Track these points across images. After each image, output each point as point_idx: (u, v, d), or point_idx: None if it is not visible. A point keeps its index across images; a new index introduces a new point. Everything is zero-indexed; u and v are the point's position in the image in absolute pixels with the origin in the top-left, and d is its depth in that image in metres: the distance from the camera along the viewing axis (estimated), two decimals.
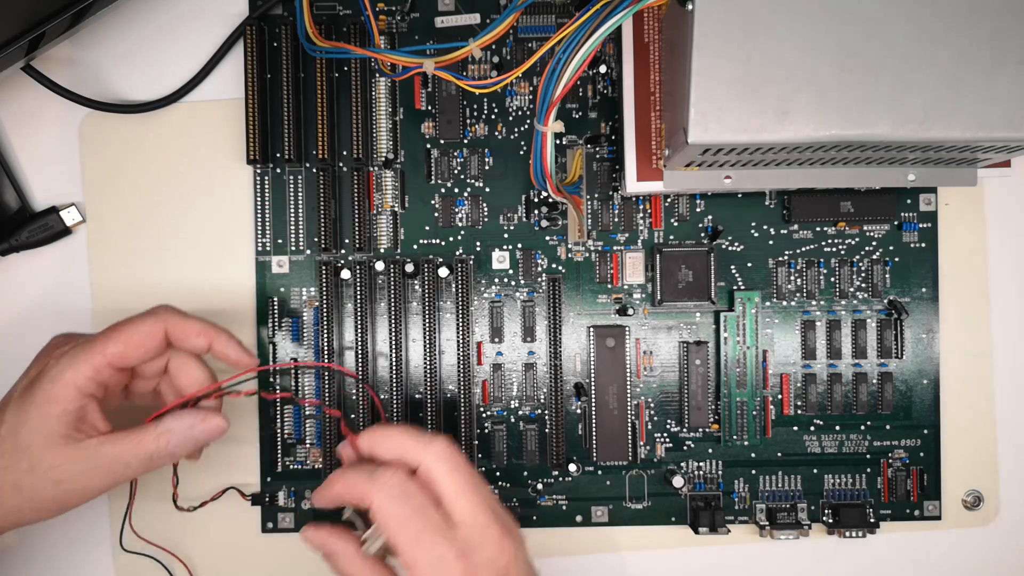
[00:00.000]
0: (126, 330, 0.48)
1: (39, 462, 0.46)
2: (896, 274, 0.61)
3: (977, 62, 0.44)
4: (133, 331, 0.48)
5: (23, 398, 0.47)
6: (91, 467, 0.47)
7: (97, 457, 0.47)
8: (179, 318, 0.50)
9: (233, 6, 0.61)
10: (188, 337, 0.50)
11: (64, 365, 0.47)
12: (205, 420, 0.49)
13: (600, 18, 0.47)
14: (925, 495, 0.61)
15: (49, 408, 0.46)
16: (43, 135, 0.61)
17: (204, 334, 0.50)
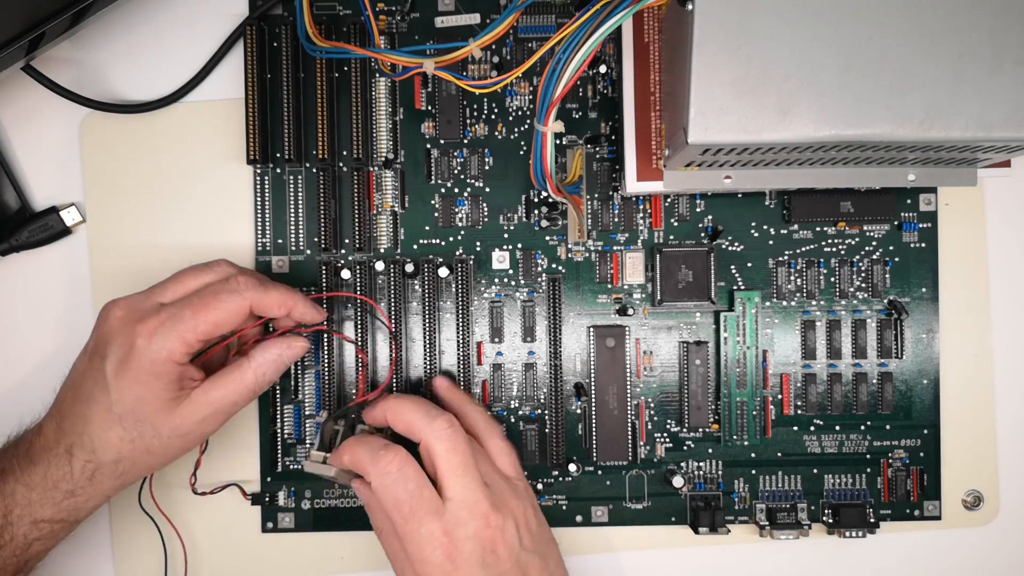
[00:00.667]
0: (214, 310, 0.51)
1: (162, 426, 0.51)
2: (896, 274, 0.61)
3: (977, 62, 0.44)
4: (220, 310, 0.51)
5: (122, 377, 0.50)
6: (207, 414, 0.52)
7: (209, 404, 0.52)
8: (262, 294, 0.52)
9: (233, 6, 0.61)
10: (270, 309, 0.53)
11: (159, 345, 0.50)
12: (290, 346, 0.54)
13: (600, 18, 0.46)
14: (925, 495, 0.61)
15: (155, 382, 0.50)
16: (43, 135, 0.61)
17: (284, 305, 0.53)
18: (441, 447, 0.51)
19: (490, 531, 0.50)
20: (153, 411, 0.51)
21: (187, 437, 0.52)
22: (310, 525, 0.61)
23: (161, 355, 0.50)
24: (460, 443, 0.51)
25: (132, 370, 0.50)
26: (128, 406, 0.50)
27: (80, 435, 0.51)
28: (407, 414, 0.52)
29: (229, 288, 0.52)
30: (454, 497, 0.50)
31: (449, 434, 0.51)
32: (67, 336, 0.61)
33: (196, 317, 0.50)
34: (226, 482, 0.60)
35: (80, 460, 0.51)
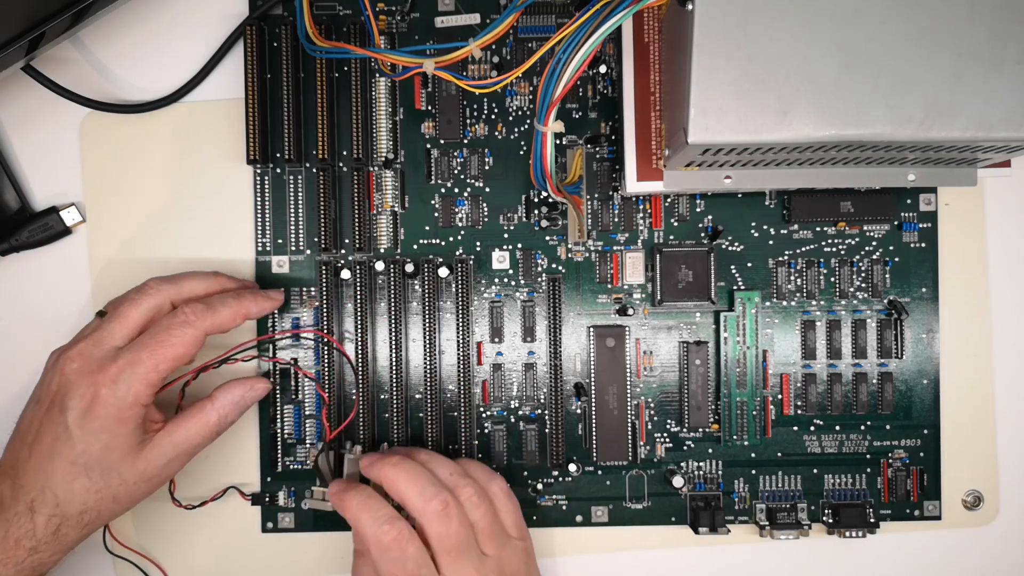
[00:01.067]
0: (171, 347, 0.51)
1: (128, 473, 0.51)
2: (896, 274, 0.61)
3: (977, 62, 0.44)
4: (176, 345, 0.51)
5: (87, 426, 0.50)
6: (171, 456, 0.52)
7: (174, 446, 0.52)
8: (211, 317, 0.53)
9: (233, 6, 0.60)
10: (225, 327, 0.54)
11: (124, 391, 0.50)
12: (252, 387, 0.56)
13: (600, 18, 0.46)
14: (925, 495, 0.61)
15: (121, 429, 0.50)
16: (43, 135, 0.61)
17: (236, 317, 0.54)
18: (434, 529, 0.50)
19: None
20: (120, 458, 0.51)
21: (152, 481, 0.52)
22: (310, 525, 0.61)
23: (127, 400, 0.50)
24: (454, 526, 0.50)
25: (98, 419, 0.50)
26: (95, 456, 0.50)
27: (42, 490, 0.50)
28: (402, 487, 0.51)
29: (179, 321, 0.52)
30: (436, 542, 0.50)
31: (443, 516, 0.50)
32: (66, 336, 0.61)
33: (155, 356, 0.51)
34: (226, 484, 0.60)
35: (43, 516, 0.50)
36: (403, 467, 0.52)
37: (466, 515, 0.51)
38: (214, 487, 0.60)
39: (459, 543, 0.50)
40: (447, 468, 0.53)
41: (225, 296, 0.54)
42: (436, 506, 0.50)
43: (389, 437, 0.59)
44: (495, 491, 0.54)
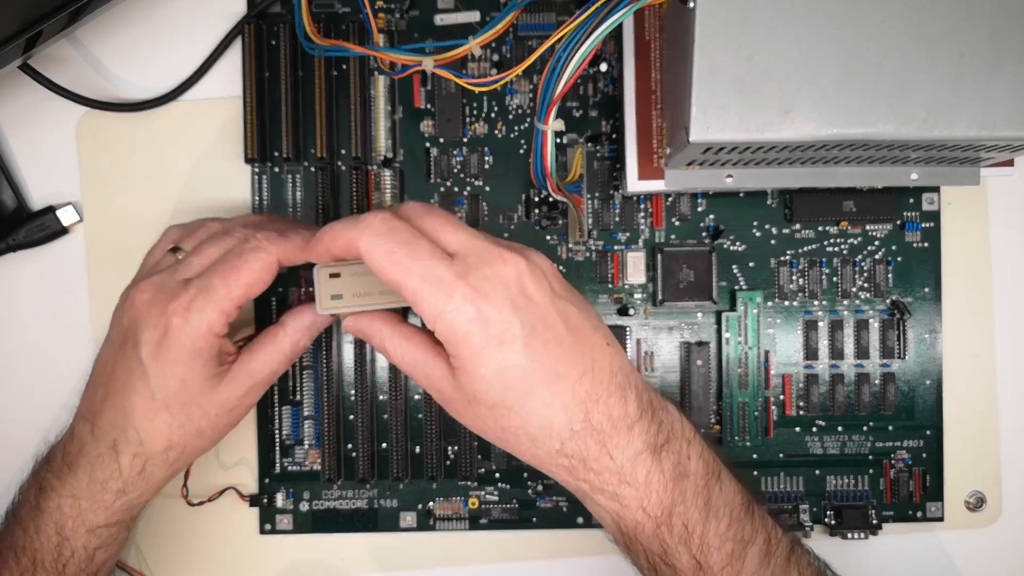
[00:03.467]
0: (244, 272, 0.49)
1: (209, 406, 0.49)
2: (899, 274, 0.60)
3: (979, 61, 0.44)
4: (249, 272, 0.49)
5: (162, 360, 0.48)
6: (250, 385, 0.51)
7: (251, 376, 0.51)
8: (284, 243, 0.50)
9: (231, 4, 0.60)
10: (297, 258, 0.50)
11: (197, 320, 0.48)
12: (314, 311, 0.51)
13: (600, 16, 0.46)
14: (928, 496, 0.61)
15: (196, 361, 0.48)
16: (40, 134, 0.61)
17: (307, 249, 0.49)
18: (418, 219, 0.45)
19: (511, 269, 0.44)
20: (198, 391, 0.49)
21: (233, 412, 0.51)
22: (309, 527, 0.60)
23: (200, 330, 0.48)
24: (434, 208, 0.46)
25: (172, 351, 0.48)
26: (172, 390, 0.48)
27: (123, 429, 0.49)
28: (369, 214, 0.46)
29: (252, 247, 0.49)
30: (458, 249, 0.44)
31: (420, 205, 0.46)
32: (64, 336, 0.61)
33: (228, 284, 0.48)
34: (223, 486, 0.60)
35: (127, 455, 0.49)
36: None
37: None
38: (212, 487, 0.60)
39: (445, 213, 0.46)
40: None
41: (299, 227, 0.52)
42: (408, 202, 0.47)
43: (388, 437, 0.59)
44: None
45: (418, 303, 0.44)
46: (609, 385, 0.45)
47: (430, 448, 0.60)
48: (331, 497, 0.60)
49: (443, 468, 0.60)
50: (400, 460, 0.59)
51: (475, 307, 0.43)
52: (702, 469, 0.46)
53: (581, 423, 0.44)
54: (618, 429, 0.45)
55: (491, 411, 0.45)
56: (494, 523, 0.60)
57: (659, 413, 0.47)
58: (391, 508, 0.60)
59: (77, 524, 0.49)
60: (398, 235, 0.44)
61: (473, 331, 0.43)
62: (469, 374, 0.44)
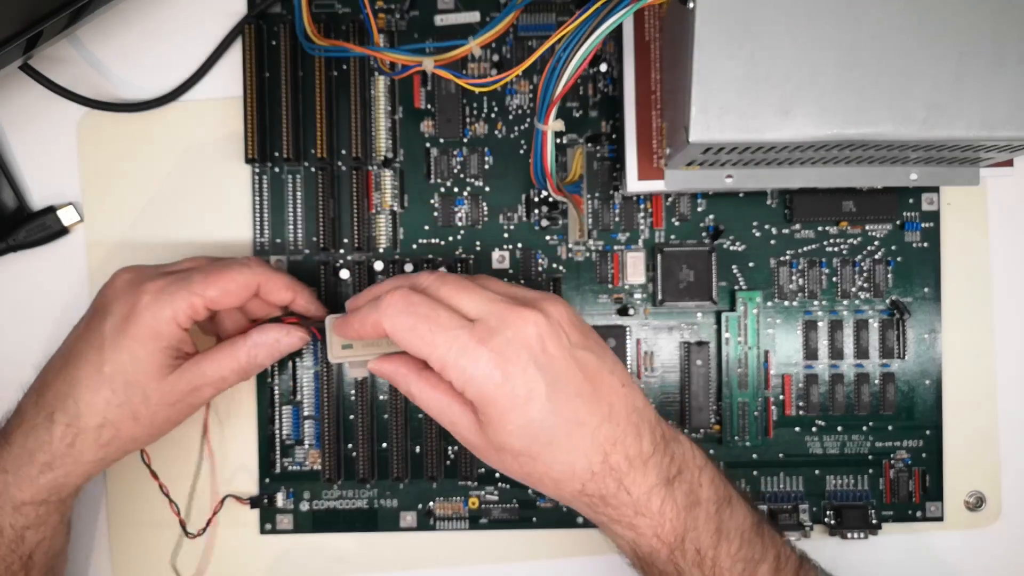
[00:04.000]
0: (223, 278, 0.50)
1: (150, 392, 0.50)
2: (898, 274, 0.60)
3: (979, 61, 0.44)
4: (230, 280, 0.50)
5: (121, 335, 0.49)
6: (197, 385, 0.51)
7: (202, 376, 0.51)
8: (270, 273, 0.52)
9: (231, 4, 0.60)
10: (277, 291, 0.53)
11: (164, 303, 0.49)
12: (288, 332, 0.53)
13: (600, 16, 0.46)
14: (927, 496, 0.61)
15: (154, 343, 0.49)
16: (41, 134, 0.61)
17: (291, 289, 0.53)
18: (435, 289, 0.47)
19: (531, 328, 0.45)
20: (144, 375, 0.49)
21: (174, 407, 0.51)
22: (309, 527, 0.60)
23: (165, 314, 0.49)
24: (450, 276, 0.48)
25: (133, 327, 0.49)
26: (121, 365, 0.49)
27: (64, 399, 0.49)
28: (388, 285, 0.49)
29: (240, 262, 0.52)
30: (476, 313, 0.46)
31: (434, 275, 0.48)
32: (64, 335, 0.60)
33: (205, 281, 0.50)
34: (224, 493, 0.60)
35: (60, 425, 0.49)
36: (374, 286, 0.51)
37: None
38: (212, 489, 0.60)
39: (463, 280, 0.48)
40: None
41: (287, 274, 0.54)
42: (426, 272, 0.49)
43: (388, 437, 0.59)
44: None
45: (445, 371, 0.45)
46: (626, 427, 0.47)
47: (430, 448, 0.60)
48: (331, 497, 0.60)
49: (443, 468, 0.60)
50: (400, 460, 0.59)
51: (501, 371, 0.44)
52: (713, 495, 0.48)
53: (600, 465, 0.46)
54: (634, 466, 0.47)
55: (516, 459, 0.47)
56: (494, 523, 0.61)
57: (671, 445, 0.48)
58: (391, 508, 0.60)
59: (3, 501, 0.50)
60: (418, 310, 0.46)
61: (501, 394, 0.45)
62: (496, 429, 0.46)
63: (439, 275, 0.48)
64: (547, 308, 0.47)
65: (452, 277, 0.48)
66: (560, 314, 0.47)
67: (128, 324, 0.49)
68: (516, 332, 0.45)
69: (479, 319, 0.46)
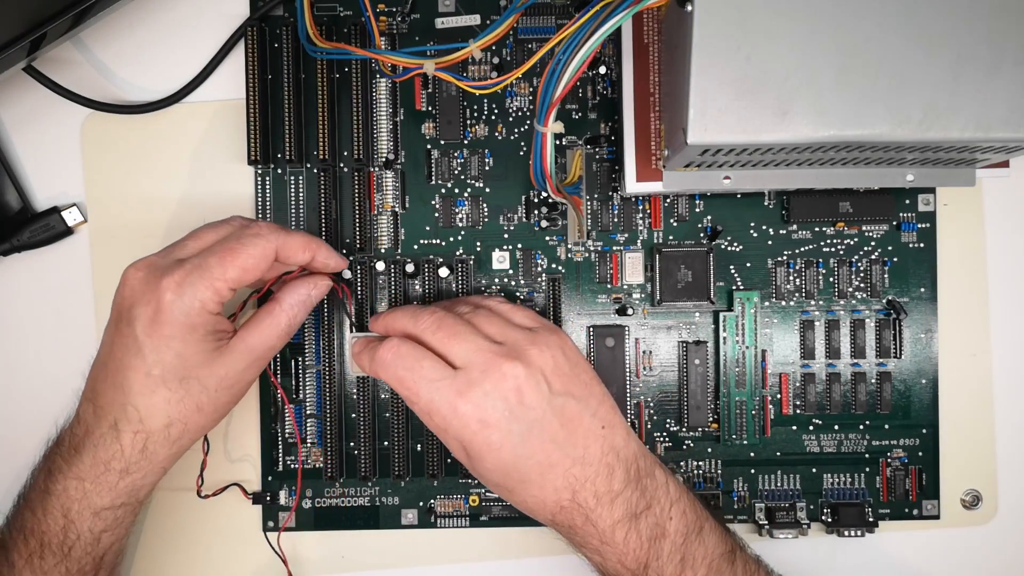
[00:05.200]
0: (240, 255, 0.50)
1: (207, 380, 0.50)
2: (895, 274, 0.61)
3: (976, 63, 0.44)
4: (247, 256, 0.50)
5: (155, 336, 0.49)
6: (249, 361, 0.52)
7: (249, 351, 0.51)
8: (285, 236, 0.52)
9: (234, 7, 0.61)
10: (295, 254, 0.52)
11: (188, 295, 0.49)
12: (316, 284, 0.54)
13: (600, 19, 0.47)
14: (924, 494, 0.61)
15: (191, 336, 0.49)
16: (45, 135, 0.61)
17: (308, 248, 0.53)
18: (430, 335, 0.50)
19: (509, 383, 0.49)
20: (196, 366, 0.49)
21: (233, 388, 0.52)
22: (311, 524, 0.61)
23: (193, 307, 0.48)
24: (447, 320, 0.51)
25: (165, 327, 0.48)
26: (169, 365, 0.49)
27: (123, 407, 0.49)
28: (396, 322, 0.53)
29: (252, 232, 0.51)
30: (460, 362, 0.49)
31: (432, 319, 0.51)
32: (69, 336, 0.61)
33: (223, 264, 0.49)
34: (227, 482, 0.60)
35: (128, 434, 0.49)
36: (394, 309, 0.54)
37: None
38: (215, 484, 0.60)
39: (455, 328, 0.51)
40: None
41: (300, 231, 0.55)
42: (426, 315, 0.51)
43: (389, 434, 0.60)
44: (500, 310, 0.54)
45: (429, 417, 0.50)
46: (598, 466, 0.50)
47: (431, 446, 0.60)
48: (333, 495, 0.61)
49: (444, 466, 0.60)
50: (401, 458, 0.60)
51: (479, 421, 0.48)
52: (682, 528, 0.51)
53: (569, 501, 0.50)
54: (601, 503, 0.50)
55: (496, 488, 0.51)
56: (495, 520, 0.61)
57: (644, 480, 0.51)
58: (392, 505, 0.61)
59: (83, 507, 0.50)
60: (403, 362, 0.50)
61: (476, 440, 0.49)
62: (475, 465, 0.50)
63: (439, 317, 0.51)
64: (532, 357, 0.50)
65: (449, 320, 0.51)
66: (546, 361, 0.50)
67: (158, 324, 0.49)
68: (495, 385, 0.49)
69: (463, 368, 0.49)
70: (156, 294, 0.49)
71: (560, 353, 0.51)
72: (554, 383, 0.50)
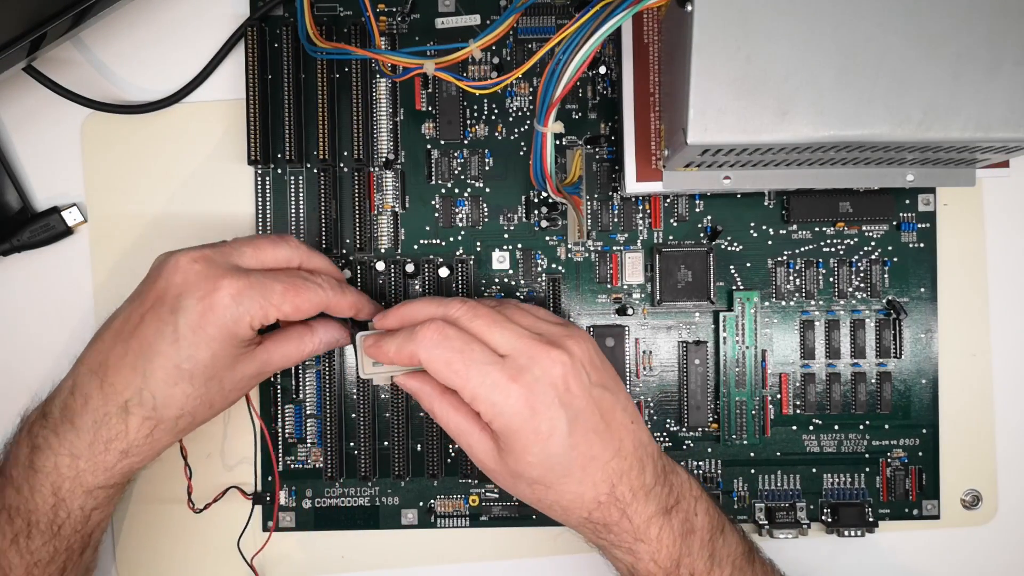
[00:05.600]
0: (301, 297, 0.51)
1: (226, 382, 0.50)
2: (895, 274, 0.61)
3: (976, 63, 0.44)
4: (304, 300, 0.51)
5: (199, 333, 0.48)
6: (262, 370, 0.52)
7: (269, 363, 0.52)
8: (339, 296, 0.53)
9: (234, 7, 0.61)
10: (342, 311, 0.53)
11: (244, 309, 0.49)
12: (346, 336, 0.55)
13: (600, 19, 0.47)
14: (924, 494, 0.61)
15: (229, 342, 0.49)
16: (45, 136, 0.61)
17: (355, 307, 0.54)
18: (468, 322, 0.49)
19: (558, 368, 0.48)
20: (223, 368, 0.49)
21: (242, 389, 0.52)
22: (311, 524, 0.61)
23: (244, 320, 0.49)
24: (481, 308, 0.50)
25: (212, 327, 0.48)
26: (201, 363, 0.49)
27: (139, 391, 0.48)
28: (420, 311, 0.51)
29: (315, 283, 0.52)
30: (506, 349, 0.48)
31: (466, 306, 0.50)
32: (69, 336, 0.61)
33: (284, 296, 0.50)
34: (225, 485, 0.60)
35: (138, 418, 0.49)
36: (416, 299, 0.53)
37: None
38: (215, 485, 0.60)
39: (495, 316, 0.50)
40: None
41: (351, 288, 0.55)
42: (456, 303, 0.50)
43: (389, 434, 0.60)
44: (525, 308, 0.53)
45: (476, 403, 0.48)
46: (632, 460, 0.50)
47: (431, 446, 0.60)
48: (333, 495, 0.61)
49: (444, 466, 0.60)
50: (401, 458, 0.60)
51: (530, 407, 0.47)
52: (707, 524, 0.51)
53: (607, 496, 0.49)
54: (636, 497, 0.49)
55: (531, 486, 0.49)
56: (495, 520, 0.61)
57: (670, 476, 0.51)
58: (392, 505, 0.61)
59: (75, 485, 0.49)
60: (452, 343, 0.48)
61: (527, 428, 0.47)
62: (517, 459, 0.48)
63: (471, 306, 0.50)
64: (571, 347, 0.49)
65: (484, 309, 0.50)
66: (583, 352, 0.49)
67: (206, 323, 0.48)
68: (544, 371, 0.47)
69: (509, 355, 0.48)
70: (213, 294, 0.48)
71: (591, 347, 0.51)
72: (592, 374, 0.49)
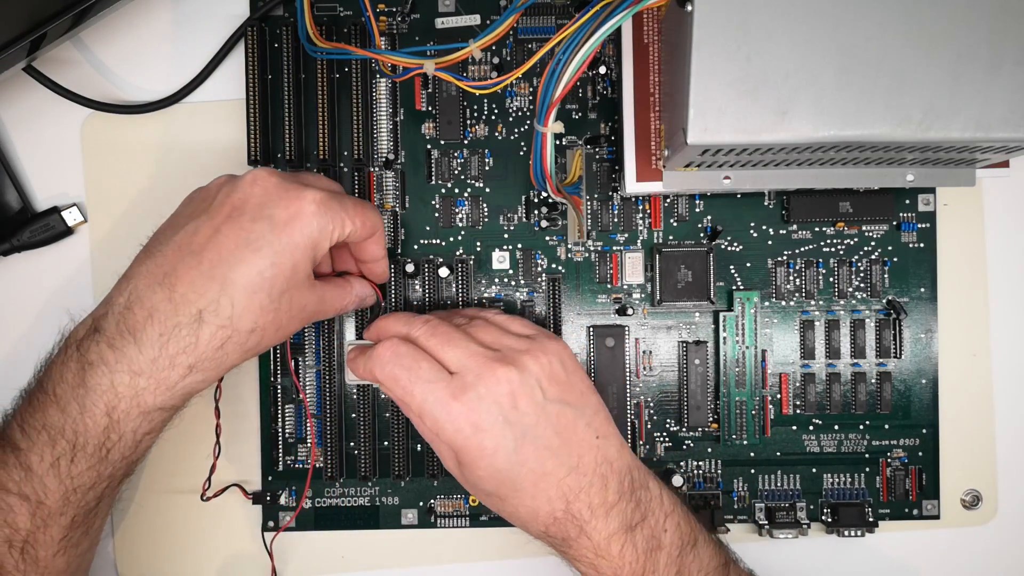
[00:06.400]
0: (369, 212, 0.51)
1: (294, 302, 0.49)
2: (895, 274, 0.61)
3: (976, 63, 0.44)
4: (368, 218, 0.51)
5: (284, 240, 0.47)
6: (321, 308, 0.52)
7: (324, 300, 0.52)
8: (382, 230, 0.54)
9: (234, 7, 0.61)
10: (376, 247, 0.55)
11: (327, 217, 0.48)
12: (372, 296, 0.57)
13: (600, 19, 0.47)
14: (924, 494, 0.61)
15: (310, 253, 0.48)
16: (45, 136, 0.61)
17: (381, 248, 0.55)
18: (425, 340, 0.51)
19: (503, 386, 0.49)
20: (298, 284, 0.48)
21: (301, 321, 0.50)
22: (311, 524, 0.61)
23: (327, 229, 0.48)
24: (441, 326, 0.51)
25: (297, 234, 0.47)
26: (282, 272, 0.47)
27: (215, 300, 0.46)
28: (390, 327, 0.53)
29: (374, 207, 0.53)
30: (455, 367, 0.49)
31: (427, 325, 0.51)
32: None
33: (357, 209, 0.50)
34: (228, 482, 0.60)
35: (211, 327, 0.46)
36: (389, 314, 0.55)
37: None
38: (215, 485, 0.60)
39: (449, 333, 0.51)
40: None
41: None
42: (419, 321, 0.52)
43: (389, 434, 0.60)
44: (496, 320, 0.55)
45: (422, 419, 0.50)
46: (592, 477, 0.50)
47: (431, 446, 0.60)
48: (333, 495, 0.61)
49: (444, 466, 0.60)
50: (401, 458, 0.60)
51: (471, 425, 0.48)
52: (677, 540, 0.51)
53: (563, 512, 0.49)
54: (596, 514, 0.50)
55: (487, 498, 0.51)
56: (495, 520, 0.61)
57: (638, 492, 0.51)
58: (393, 505, 0.61)
59: (131, 405, 0.46)
60: (402, 361, 0.50)
61: (469, 445, 0.49)
62: (469, 472, 0.50)
63: (433, 324, 0.51)
64: (526, 363, 0.50)
65: (444, 327, 0.51)
66: (541, 368, 0.50)
67: (291, 230, 0.47)
68: (488, 389, 0.48)
69: (458, 373, 0.49)
70: (299, 202, 0.48)
71: (557, 360, 0.51)
72: (549, 390, 0.50)
